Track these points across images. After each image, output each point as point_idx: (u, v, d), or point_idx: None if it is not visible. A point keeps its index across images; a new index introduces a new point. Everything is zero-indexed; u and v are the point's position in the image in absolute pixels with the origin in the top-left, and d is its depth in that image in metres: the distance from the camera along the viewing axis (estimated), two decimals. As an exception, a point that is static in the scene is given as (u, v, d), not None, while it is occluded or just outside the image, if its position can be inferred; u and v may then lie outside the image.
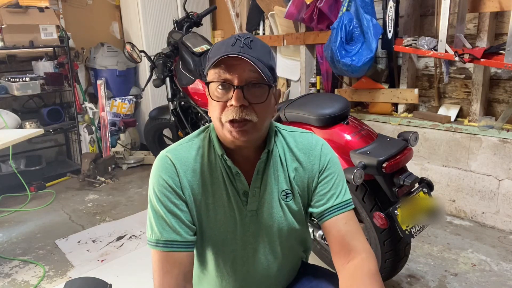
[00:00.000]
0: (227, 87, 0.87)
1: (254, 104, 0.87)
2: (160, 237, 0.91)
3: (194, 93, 2.55)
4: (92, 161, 3.36)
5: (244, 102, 0.85)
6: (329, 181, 0.98)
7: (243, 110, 0.86)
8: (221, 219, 0.96)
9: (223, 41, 0.90)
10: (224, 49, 0.86)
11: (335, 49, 2.54)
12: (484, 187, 2.43)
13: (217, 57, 0.85)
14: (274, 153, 0.98)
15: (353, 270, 0.91)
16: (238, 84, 0.85)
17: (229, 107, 0.86)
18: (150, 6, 3.73)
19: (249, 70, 0.85)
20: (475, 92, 2.48)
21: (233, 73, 0.85)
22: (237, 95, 0.84)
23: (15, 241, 2.44)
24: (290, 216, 0.99)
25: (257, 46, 0.87)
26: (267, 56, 0.89)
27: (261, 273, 1.03)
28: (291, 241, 1.03)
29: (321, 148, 1.00)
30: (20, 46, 3.19)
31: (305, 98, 1.89)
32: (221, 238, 0.97)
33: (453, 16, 2.42)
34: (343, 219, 0.96)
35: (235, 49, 0.85)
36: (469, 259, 2.11)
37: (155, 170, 0.95)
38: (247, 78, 0.86)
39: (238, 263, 1.00)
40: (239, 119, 0.86)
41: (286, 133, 1.02)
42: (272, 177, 0.98)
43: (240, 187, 0.96)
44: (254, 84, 0.86)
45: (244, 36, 0.88)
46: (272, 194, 0.98)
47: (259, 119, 0.88)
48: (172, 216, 0.91)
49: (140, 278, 2.01)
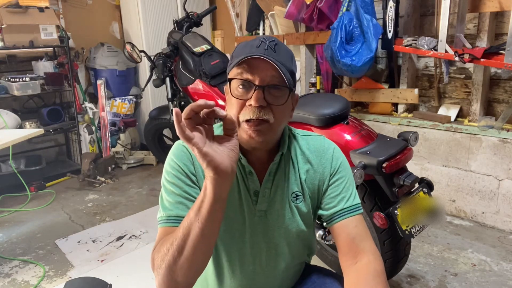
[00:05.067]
0: (248, 86, 0.88)
1: (273, 106, 0.88)
2: (171, 213, 0.91)
3: (194, 93, 2.55)
4: (92, 161, 3.36)
5: (263, 102, 0.86)
6: (340, 184, 1.00)
7: (261, 111, 0.86)
8: (230, 215, 0.96)
9: (247, 42, 0.91)
10: (249, 49, 0.87)
11: (335, 49, 2.54)
12: (484, 187, 2.43)
13: (241, 56, 0.86)
14: (287, 155, 1.00)
15: (359, 270, 0.92)
16: (259, 84, 0.86)
17: (248, 107, 0.87)
18: (150, 6, 3.73)
19: (271, 72, 0.86)
20: (475, 92, 2.48)
21: (255, 73, 0.86)
22: (257, 95, 0.85)
23: (15, 241, 2.44)
24: (299, 218, 1.00)
25: (281, 50, 0.89)
26: (290, 61, 0.91)
27: (267, 274, 1.03)
28: (298, 243, 1.04)
29: (333, 151, 1.02)
30: (20, 46, 3.19)
31: (305, 98, 1.89)
32: (229, 235, 0.98)
33: (453, 16, 2.42)
34: (353, 222, 0.96)
35: (260, 51, 0.86)
36: (469, 259, 2.11)
37: (171, 156, 0.96)
38: (269, 80, 0.87)
39: (245, 262, 1.01)
40: (256, 118, 0.87)
41: (299, 136, 1.04)
42: (283, 179, 0.99)
43: (251, 186, 0.97)
44: (274, 86, 0.87)
45: (269, 39, 0.89)
46: (282, 196, 0.99)
47: (276, 120, 0.89)
48: (185, 197, 0.91)
49: (140, 278, 2.01)
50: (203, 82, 2.48)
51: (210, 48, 2.56)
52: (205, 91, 2.47)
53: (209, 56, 2.52)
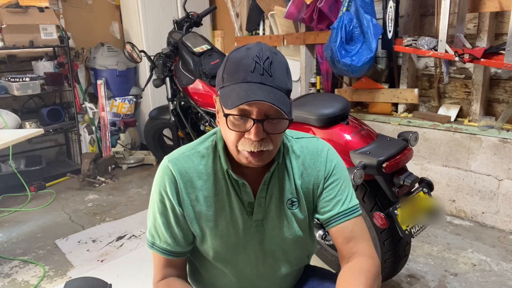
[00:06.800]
0: (245, 118, 0.83)
1: (272, 135, 0.85)
2: (155, 242, 0.97)
3: (194, 93, 2.55)
4: (92, 161, 3.36)
5: (263, 135, 0.83)
6: (335, 187, 0.98)
7: (261, 144, 0.84)
8: (222, 230, 0.96)
9: (239, 61, 0.83)
10: (243, 74, 0.81)
11: (335, 49, 2.54)
12: (484, 187, 2.43)
13: (236, 90, 0.81)
14: (282, 163, 0.98)
15: (345, 269, 0.92)
16: (257, 117, 0.82)
17: (247, 138, 0.84)
18: (150, 6, 3.73)
19: (269, 104, 0.80)
20: (475, 92, 2.48)
21: (253, 105, 0.81)
22: (256, 129, 0.82)
23: (15, 241, 2.44)
24: (296, 225, 0.99)
25: (276, 69, 0.82)
26: (286, 78, 0.85)
27: (266, 282, 1.03)
28: (296, 249, 1.03)
29: (327, 153, 0.99)
30: (20, 46, 3.19)
31: (305, 98, 1.89)
32: (223, 249, 0.97)
33: (453, 16, 2.42)
34: (350, 226, 0.95)
35: (255, 77, 0.80)
36: (469, 259, 2.11)
37: (157, 178, 0.96)
38: (267, 112, 0.82)
39: (243, 271, 1.00)
40: (257, 151, 0.85)
41: (293, 140, 1.01)
42: (278, 187, 0.97)
43: (245, 198, 0.95)
44: (273, 118, 0.83)
45: (264, 56, 0.82)
46: (278, 204, 0.97)
47: (274, 146, 0.87)
48: (166, 228, 0.95)
49: (140, 278, 2.01)
50: (203, 82, 2.48)
51: (210, 48, 2.56)
52: (205, 91, 2.47)
53: (209, 56, 2.52)
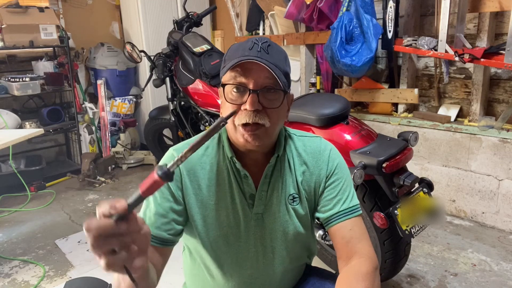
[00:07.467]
0: (242, 90, 0.87)
1: (268, 109, 0.88)
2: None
3: (194, 93, 2.55)
4: (92, 161, 3.36)
5: (258, 106, 0.86)
6: (336, 187, 0.98)
7: (257, 115, 0.86)
8: (223, 220, 0.96)
9: (239, 44, 0.90)
10: (241, 52, 0.87)
11: (335, 49, 2.54)
12: (484, 187, 2.43)
13: (234, 60, 0.86)
14: (283, 157, 0.98)
15: (346, 271, 0.92)
16: (253, 88, 0.86)
17: (243, 111, 0.87)
18: (150, 6, 3.73)
19: (265, 75, 0.86)
20: (475, 92, 2.48)
21: (249, 77, 0.86)
22: (251, 99, 0.85)
23: (15, 241, 2.44)
24: (296, 220, 0.99)
25: (273, 51, 0.88)
26: (283, 62, 0.90)
27: (265, 277, 1.02)
28: (296, 246, 1.03)
29: (329, 153, 1.01)
30: (20, 46, 3.19)
31: (305, 98, 1.89)
32: (223, 240, 0.97)
33: (453, 16, 2.42)
34: (349, 225, 0.96)
35: (252, 53, 0.85)
36: (469, 259, 2.11)
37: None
38: (263, 83, 0.86)
39: (242, 266, 1.00)
40: (252, 123, 0.86)
41: (296, 137, 1.02)
42: (280, 181, 0.98)
43: (247, 189, 0.96)
44: (269, 89, 0.87)
45: (262, 40, 0.88)
46: (279, 198, 0.98)
47: (271, 124, 0.89)
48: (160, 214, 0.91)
49: (140, 278, 2.01)
50: (203, 82, 2.48)
51: (210, 48, 2.56)
52: (205, 91, 2.47)
53: (209, 56, 2.52)
